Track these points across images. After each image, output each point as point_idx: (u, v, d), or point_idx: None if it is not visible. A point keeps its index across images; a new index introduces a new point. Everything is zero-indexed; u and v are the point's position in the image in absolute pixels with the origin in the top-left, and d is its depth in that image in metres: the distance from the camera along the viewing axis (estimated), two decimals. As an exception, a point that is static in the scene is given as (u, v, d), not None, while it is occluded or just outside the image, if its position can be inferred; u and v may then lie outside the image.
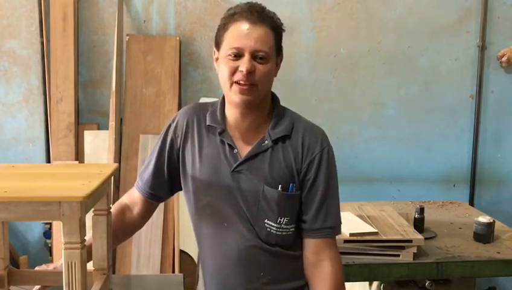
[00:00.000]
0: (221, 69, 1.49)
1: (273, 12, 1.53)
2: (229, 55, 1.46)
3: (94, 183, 1.21)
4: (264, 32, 1.47)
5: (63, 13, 2.98)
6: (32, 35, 3.04)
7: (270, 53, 1.48)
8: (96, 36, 3.07)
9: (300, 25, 3.16)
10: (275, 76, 1.56)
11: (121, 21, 3.02)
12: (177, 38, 3.07)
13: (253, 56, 1.46)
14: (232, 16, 1.49)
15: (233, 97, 1.49)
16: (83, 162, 3.02)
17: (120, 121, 3.02)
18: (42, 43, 3.01)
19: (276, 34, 1.50)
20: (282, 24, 1.53)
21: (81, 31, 3.06)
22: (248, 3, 1.52)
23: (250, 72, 1.45)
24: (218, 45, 1.52)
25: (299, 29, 3.16)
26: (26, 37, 3.04)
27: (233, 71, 1.46)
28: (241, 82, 1.46)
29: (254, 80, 1.46)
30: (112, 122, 2.96)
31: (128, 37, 3.05)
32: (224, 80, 1.48)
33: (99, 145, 3.03)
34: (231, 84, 1.47)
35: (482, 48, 3.24)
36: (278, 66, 1.56)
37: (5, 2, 3.01)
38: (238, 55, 1.46)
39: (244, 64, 1.44)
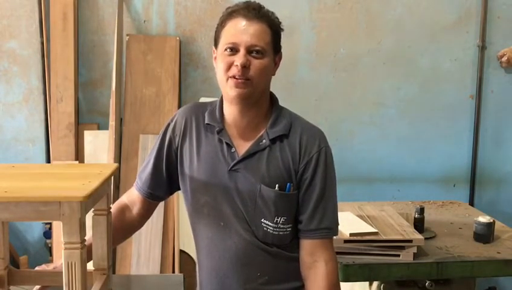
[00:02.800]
0: (218, 65, 1.50)
1: (272, 12, 1.53)
2: (225, 50, 1.47)
3: (94, 183, 1.21)
4: (260, 28, 1.48)
5: (63, 13, 2.98)
6: (32, 35, 3.04)
7: (267, 49, 1.48)
8: (96, 36, 3.07)
9: (300, 25, 3.16)
10: (273, 74, 1.56)
11: (121, 21, 3.02)
12: (177, 38, 3.07)
13: (249, 51, 1.47)
14: (229, 14, 1.50)
15: (229, 92, 1.49)
16: (83, 162, 3.02)
17: (120, 121, 3.02)
18: (42, 43, 3.01)
19: (274, 32, 1.51)
20: (280, 23, 1.54)
21: (81, 31, 3.06)
22: (246, 2, 1.53)
23: (245, 67, 1.45)
24: (216, 43, 1.53)
25: (299, 29, 3.16)
26: (26, 37, 3.04)
27: (229, 66, 1.47)
28: (236, 76, 1.46)
29: (249, 74, 1.46)
30: (112, 122, 2.96)
31: (128, 37, 3.05)
32: (221, 75, 1.49)
33: (99, 145, 3.03)
34: (227, 79, 1.48)
35: (482, 48, 3.24)
36: (276, 65, 1.56)
37: (5, 2, 3.01)
38: (234, 50, 1.47)
39: (239, 59, 1.45)
